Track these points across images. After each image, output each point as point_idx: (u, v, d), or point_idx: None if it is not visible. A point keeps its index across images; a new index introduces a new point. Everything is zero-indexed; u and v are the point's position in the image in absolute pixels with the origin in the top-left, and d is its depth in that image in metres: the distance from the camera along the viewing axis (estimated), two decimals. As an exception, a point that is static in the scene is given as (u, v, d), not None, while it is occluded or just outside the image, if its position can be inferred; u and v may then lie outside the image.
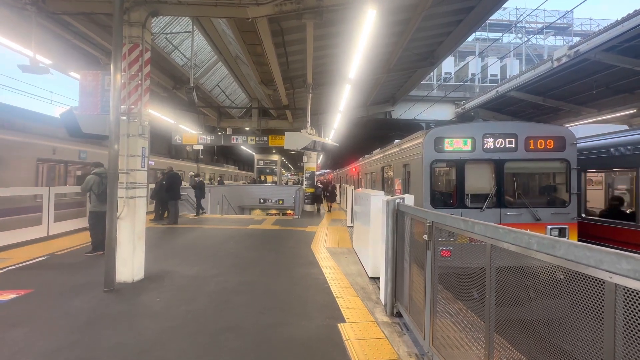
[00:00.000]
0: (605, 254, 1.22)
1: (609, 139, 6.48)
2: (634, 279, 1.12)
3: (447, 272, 2.88)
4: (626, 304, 1.17)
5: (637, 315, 1.14)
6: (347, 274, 5.43)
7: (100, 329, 3.37)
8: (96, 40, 7.51)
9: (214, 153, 32.71)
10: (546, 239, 1.52)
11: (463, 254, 5.48)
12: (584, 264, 1.31)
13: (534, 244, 1.57)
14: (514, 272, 1.85)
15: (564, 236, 6.00)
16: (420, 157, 6.20)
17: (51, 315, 3.69)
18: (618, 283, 1.18)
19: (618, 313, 1.19)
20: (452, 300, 2.73)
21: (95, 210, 6.24)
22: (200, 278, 5.10)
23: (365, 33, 5.79)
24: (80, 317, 3.64)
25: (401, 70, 11.43)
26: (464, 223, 2.21)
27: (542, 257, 1.54)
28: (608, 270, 1.21)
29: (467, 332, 2.43)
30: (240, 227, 10.24)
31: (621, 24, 8.19)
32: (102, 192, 6.12)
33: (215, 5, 4.91)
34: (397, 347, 3.06)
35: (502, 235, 1.80)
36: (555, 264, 1.47)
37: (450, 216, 2.45)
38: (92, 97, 4.91)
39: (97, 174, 6.29)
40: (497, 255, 1.90)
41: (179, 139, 13.38)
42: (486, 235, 1.95)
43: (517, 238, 1.70)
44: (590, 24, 26.14)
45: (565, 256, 1.40)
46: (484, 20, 8.76)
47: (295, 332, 3.37)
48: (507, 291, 1.90)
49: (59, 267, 5.51)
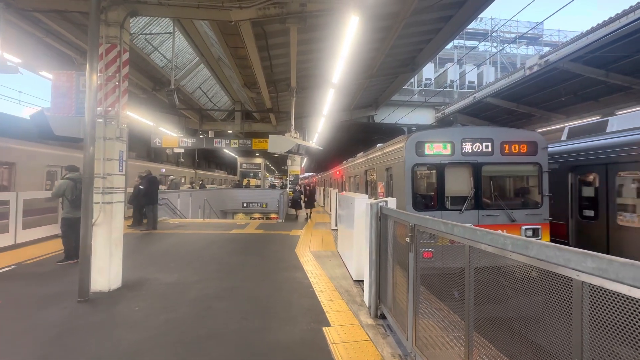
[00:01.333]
0: (572, 253, 1.30)
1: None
2: (598, 277, 1.19)
3: (429, 273, 2.94)
4: (591, 300, 1.25)
5: (601, 310, 1.22)
6: (332, 277, 5.45)
7: (74, 341, 3.21)
8: (69, 38, 7.21)
9: (195, 156, 31.98)
10: (520, 240, 1.60)
11: (444, 255, 5.65)
12: (554, 263, 1.39)
13: (508, 245, 1.65)
14: (491, 271, 1.92)
15: (538, 236, 6.29)
16: (402, 160, 6.34)
17: (19, 328, 3.48)
18: (584, 280, 1.26)
19: (585, 308, 1.27)
20: (434, 301, 2.80)
21: (68, 216, 5.94)
22: (181, 285, 4.96)
23: (349, 39, 5.88)
24: (51, 330, 3.45)
25: (383, 75, 11.67)
26: (444, 225, 2.29)
27: (516, 257, 1.62)
28: (575, 269, 1.29)
29: (448, 331, 2.50)
30: (223, 232, 10.05)
31: (586, 36, 8.75)
32: (76, 198, 5.84)
33: (197, 7, 4.84)
34: (381, 348, 3.10)
35: (479, 236, 1.88)
36: (528, 263, 1.55)
37: (431, 219, 2.52)
38: (66, 98, 4.70)
39: (70, 179, 6.00)
40: (475, 256, 1.97)
41: (158, 141, 12.98)
42: (465, 237, 2.02)
43: (493, 239, 1.78)
44: (559, 35, 27.77)
45: (537, 256, 1.48)
46: (462, 29, 9.11)
47: (279, 337, 3.34)
48: (485, 290, 1.97)
49: (27, 277, 5.19)
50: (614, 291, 1.14)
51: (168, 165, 24.38)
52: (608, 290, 1.16)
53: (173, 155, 25.06)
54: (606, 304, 1.19)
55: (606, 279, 1.16)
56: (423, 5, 6.89)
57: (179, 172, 25.16)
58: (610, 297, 1.17)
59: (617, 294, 1.13)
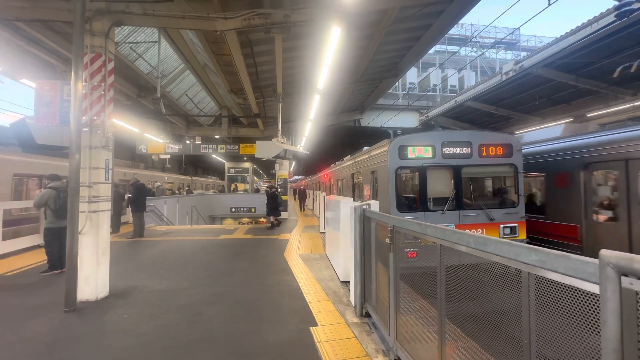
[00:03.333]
0: (521, 248, 1.50)
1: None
2: (540, 268, 1.39)
3: (412, 272, 3.11)
4: (536, 288, 1.45)
5: (544, 296, 1.41)
6: (320, 279, 5.59)
7: (63, 352, 3.23)
8: (52, 46, 7.13)
9: (182, 162, 31.58)
10: (480, 238, 1.79)
11: (427, 254, 5.89)
12: (507, 257, 1.58)
13: (471, 242, 1.84)
14: (460, 268, 2.11)
15: (515, 234, 6.61)
16: (385, 164, 6.56)
17: (6, 341, 3.45)
18: (530, 272, 1.45)
19: (531, 296, 1.46)
20: (414, 298, 2.97)
21: (52, 226, 5.86)
22: (170, 292, 4.99)
23: (332, 47, 6.09)
24: (38, 341, 3.44)
25: (368, 80, 11.96)
26: (418, 226, 2.47)
27: (478, 254, 1.81)
28: (523, 262, 1.48)
29: (427, 326, 2.67)
30: (212, 238, 10.03)
31: (556, 43, 9.28)
32: (59, 207, 5.78)
33: (182, 17, 4.93)
34: (366, 345, 3.26)
35: (448, 235, 2.07)
36: (487, 258, 1.74)
37: (407, 220, 2.71)
38: (50, 107, 4.69)
39: (53, 188, 5.92)
40: (445, 254, 2.16)
41: (144, 148, 12.85)
42: (436, 237, 2.21)
43: (460, 238, 1.97)
44: (535, 40, 28.99)
45: (494, 252, 1.67)
46: (441, 37, 9.48)
47: (268, 338, 3.45)
48: (454, 285, 2.16)
49: (10, 289, 5.11)
50: (551, 279, 1.33)
51: (169, 174, 24.58)
52: (547, 279, 1.36)
53: (159, 161, 24.69)
54: (546, 290, 1.38)
55: (545, 269, 1.35)
56: (403, 15, 7.18)
57: (180, 180, 25.52)
58: (549, 285, 1.36)
59: (553, 282, 1.33)
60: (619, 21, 6.93)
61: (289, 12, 5.07)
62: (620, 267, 0.99)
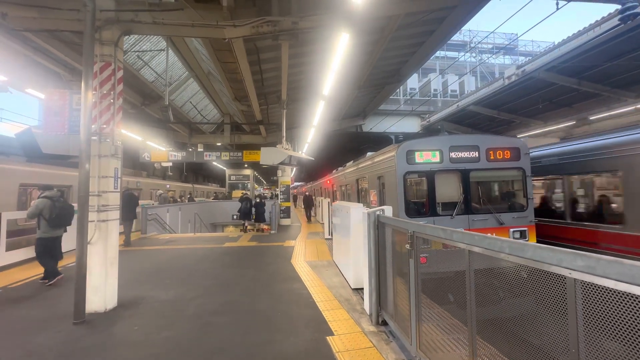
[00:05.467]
0: (564, 253, 1.45)
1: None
2: (588, 274, 1.34)
3: (434, 277, 3.04)
4: (584, 295, 1.39)
5: (593, 304, 1.36)
6: (330, 287, 5.50)
7: (74, 365, 3.14)
8: (58, 56, 7.16)
9: (183, 169, 31.58)
10: (516, 244, 1.74)
11: (438, 259, 5.81)
12: (547, 263, 1.53)
13: (505, 248, 1.79)
14: (489, 274, 2.05)
15: (525, 238, 6.55)
16: (393, 169, 6.52)
17: (13, 356, 3.36)
18: (576, 278, 1.40)
19: (578, 304, 1.41)
20: (435, 305, 2.91)
21: (46, 236, 5.76)
22: (178, 302, 4.90)
23: (339, 52, 6.11)
24: (47, 356, 3.35)
25: (371, 86, 12.01)
26: (443, 232, 2.42)
27: (513, 260, 1.76)
28: (567, 267, 1.43)
29: (450, 333, 2.61)
30: (216, 246, 9.94)
31: (558, 47, 9.34)
32: (54, 217, 5.69)
33: (192, 26, 4.94)
34: (386, 354, 3.17)
35: (477, 241, 2.02)
36: (525, 264, 1.69)
37: (429, 226, 2.66)
38: (58, 116, 4.67)
39: (48, 197, 5.81)
40: (474, 259, 2.11)
41: (147, 156, 12.83)
42: (464, 242, 2.16)
43: (492, 243, 1.92)
44: (533, 45, 29.29)
45: (533, 257, 1.62)
46: (444, 42, 9.55)
47: (284, 349, 3.37)
48: (484, 292, 2.10)
49: (15, 301, 5.01)
50: (603, 286, 1.28)
51: (171, 182, 24.77)
52: (597, 286, 1.31)
53: (161, 169, 24.68)
54: (596, 298, 1.33)
55: (595, 275, 1.30)
56: (407, 21, 7.24)
57: (182, 188, 25.77)
58: (599, 292, 1.31)
59: (605, 289, 1.27)
60: (622, 24, 6.97)
61: (297, 19, 5.09)
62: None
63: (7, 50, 6.58)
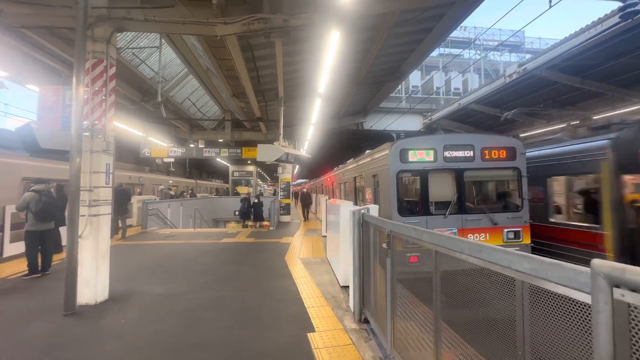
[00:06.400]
0: (515, 256, 1.45)
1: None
2: (533, 276, 1.34)
3: (408, 277, 3.05)
4: (531, 296, 1.40)
5: (537, 305, 1.36)
6: (319, 284, 5.54)
7: (61, 356, 3.23)
8: (56, 52, 7.26)
9: (186, 165, 31.84)
10: (474, 245, 1.74)
11: (427, 260, 5.80)
12: (500, 265, 1.54)
13: (465, 249, 1.80)
14: (456, 274, 2.06)
15: (519, 238, 6.50)
16: (387, 167, 6.51)
17: (7, 344, 3.47)
18: (524, 280, 1.41)
19: (525, 304, 1.42)
20: (411, 304, 2.92)
21: (32, 229, 5.87)
22: (170, 296, 4.98)
23: (332, 51, 6.10)
24: (38, 344, 3.45)
25: (370, 84, 11.95)
26: (414, 232, 2.43)
27: (473, 260, 1.76)
28: (516, 270, 1.44)
29: (425, 333, 2.62)
30: (214, 241, 10.04)
31: (560, 45, 9.18)
32: (39, 210, 5.80)
33: (183, 23, 4.97)
34: (363, 352, 3.20)
35: (442, 241, 2.02)
36: (481, 265, 1.69)
37: (404, 225, 2.67)
38: (52, 112, 4.76)
39: (35, 191, 5.92)
40: (441, 260, 2.11)
41: (147, 151, 12.97)
42: (432, 242, 2.17)
43: (454, 244, 1.93)
44: (540, 42, 28.80)
45: (488, 258, 1.63)
46: (443, 40, 9.46)
47: (265, 345, 3.42)
48: (450, 291, 2.11)
49: (12, 292, 5.15)
50: (544, 289, 1.29)
51: (174, 177, 25.16)
52: (540, 288, 1.31)
53: (164, 165, 24.93)
54: (540, 299, 1.33)
55: (538, 277, 1.31)
56: (403, 18, 7.17)
57: (185, 183, 26.18)
58: (542, 294, 1.32)
59: (546, 291, 1.28)
60: (623, 22, 6.83)
61: (288, 16, 5.09)
62: (612, 277, 0.95)
63: (6, 47, 6.69)
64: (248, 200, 14.53)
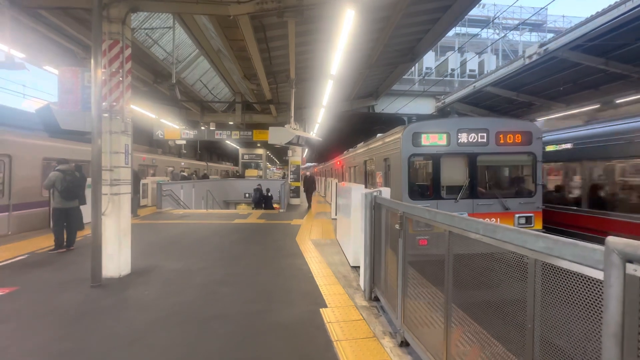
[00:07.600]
0: (528, 235, 1.50)
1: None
2: (547, 254, 1.39)
3: (420, 259, 3.12)
4: (543, 275, 1.45)
5: (549, 283, 1.42)
6: (330, 264, 5.70)
7: (90, 322, 3.49)
8: (71, 33, 7.31)
9: (197, 147, 32.19)
10: (489, 225, 1.79)
11: (438, 242, 5.88)
12: (514, 244, 1.59)
13: (480, 229, 1.85)
14: (469, 257, 2.12)
15: (531, 224, 6.48)
16: (398, 151, 6.49)
17: (39, 311, 3.76)
18: (537, 259, 1.46)
19: (537, 282, 1.47)
20: (422, 284, 3.01)
21: (59, 207, 6.22)
22: (186, 272, 5.23)
23: (346, 30, 5.96)
24: (68, 312, 3.73)
25: (383, 65, 11.68)
26: (428, 213, 2.48)
27: (487, 240, 1.81)
28: (530, 248, 1.49)
29: (433, 311, 2.72)
30: (226, 222, 10.32)
31: (585, 24, 8.70)
32: (64, 189, 6.11)
33: (196, 3, 4.93)
34: (374, 327, 3.35)
35: (457, 222, 2.07)
36: (496, 245, 1.74)
37: (417, 207, 2.72)
38: (71, 94, 4.87)
39: (60, 171, 6.21)
40: (454, 241, 2.17)
41: (160, 133, 13.16)
42: (445, 223, 2.22)
43: (469, 225, 1.97)
44: (563, 21, 27.26)
45: (502, 238, 1.68)
46: (460, 19, 9.09)
47: (279, 318, 3.60)
48: (462, 272, 2.18)
49: (41, 265, 5.49)
50: (558, 267, 1.33)
51: (185, 159, 25.64)
52: (554, 266, 1.36)
53: (176, 147, 25.26)
54: (553, 277, 1.39)
55: (552, 255, 1.35)
56: (421, -4, 6.91)
57: (196, 166, 26.71)
58: (556, 272, 1.37)
59: (560, 269, 1.33)
60: (656, -1, 6.42)
61: (302, -6, 4.98)
62: (625, 253, 0.99)
63: (23, 28, 6.76)
64: (260, 191, 17.27)
